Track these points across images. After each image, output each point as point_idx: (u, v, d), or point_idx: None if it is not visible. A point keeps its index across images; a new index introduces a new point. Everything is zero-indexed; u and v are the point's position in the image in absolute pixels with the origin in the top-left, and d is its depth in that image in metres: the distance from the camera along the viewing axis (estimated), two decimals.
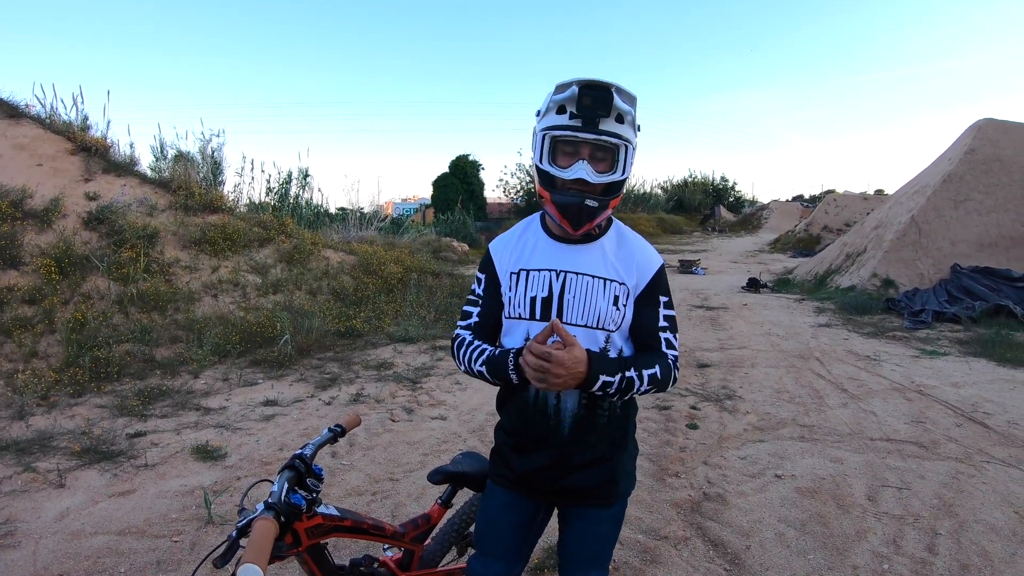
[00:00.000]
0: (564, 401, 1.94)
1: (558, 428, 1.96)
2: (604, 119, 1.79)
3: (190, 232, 9.85)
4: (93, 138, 10.72)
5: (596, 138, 1.79)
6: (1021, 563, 3.55)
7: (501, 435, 2.15)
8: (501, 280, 2.06)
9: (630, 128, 1.84)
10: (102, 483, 4.40)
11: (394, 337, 9.18)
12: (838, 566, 3.53)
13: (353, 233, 16.68)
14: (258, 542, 1.54)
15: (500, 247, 2.12)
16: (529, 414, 1.99)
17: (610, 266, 1.96)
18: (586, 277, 1.94)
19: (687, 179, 55.33)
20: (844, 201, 32.71)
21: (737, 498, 4.36)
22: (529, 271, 1.99)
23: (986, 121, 14.80)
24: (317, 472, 1.95)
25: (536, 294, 1.96)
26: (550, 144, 1.86)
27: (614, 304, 1.92)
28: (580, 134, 1.79)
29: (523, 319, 1.97)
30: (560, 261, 1.97)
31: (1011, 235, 13.25)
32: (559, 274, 1.95)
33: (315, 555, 1.99)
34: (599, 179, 1.83)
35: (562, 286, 1.94)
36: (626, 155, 1.84)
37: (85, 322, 7.28)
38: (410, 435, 5.50)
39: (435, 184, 33.52)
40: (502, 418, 2.15)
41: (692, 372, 7.70)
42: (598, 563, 2.11)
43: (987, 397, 6.60)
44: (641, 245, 2.05)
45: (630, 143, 1.84)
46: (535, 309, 1.95)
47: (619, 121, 1.81)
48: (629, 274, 1.97)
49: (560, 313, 1.93)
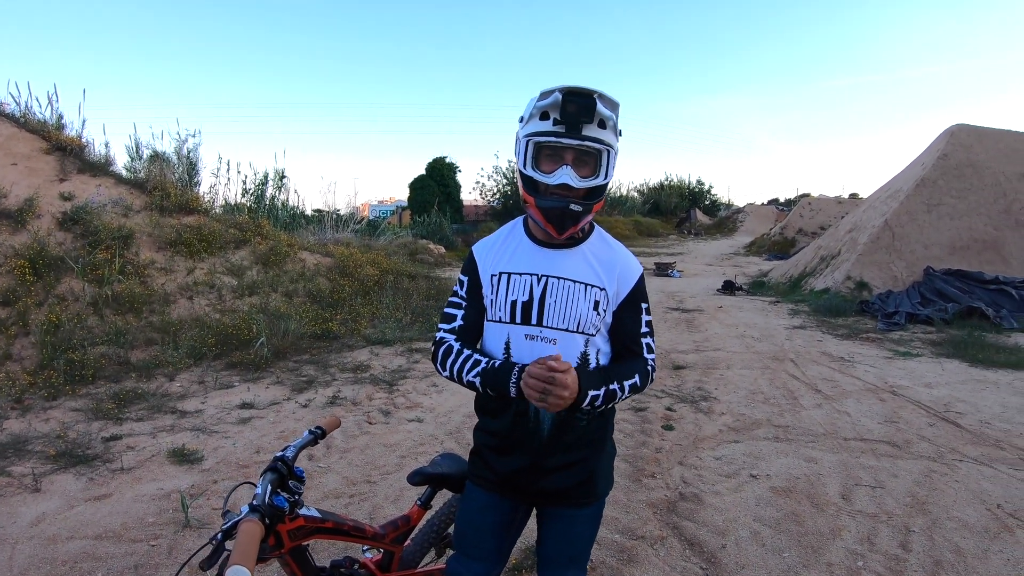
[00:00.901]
0: None
1: (538, 430, 1.99)
2: (587, 125, 1.83)
3: (165, 233, 9.78)
4: (68, 137, 10.62)
5: (579, 143, 1.82)
6: (994, 559, 3.64)
7: (480, 436, 2.17)
8: (483, 282, 2.08)
9: (612, 133, 1.88)
10: (78, 487, 4.38)
11: (370, 339, 9.18)
12: (813, 564, 3.60)
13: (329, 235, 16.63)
14: (245, 544, 1.56)
15: (483, 249, 2.14)
16: (510, 416, 2.01)
17: (592, 271, 1.99)
18: (567, 282, 1.96)
19: (663, 182, 55.48)
20: (819, 205, 32.96)
21: (713, 498, 4.43)
22: (511, 274, 2.02)
23: (959, 127, 15.00)
24: (298, 474, 1.97)
25: (517, 298, 1.98)
26: (534, 150, 1.89)
27: (595, 309, 1.96)
28: (563, 140, 1.83)
29: (504, 322, 2.01)
30: (542, 265, 2.00)
31: (983, 239, 13.45)
32: (540, 278, 1.98)
33: (297, 557, 2.01)
34: (582, 184, 1.86)
35: (543, 290, 1.97)
36: (608, 160, 1.88)
37: (59, 324, 7.23)
38: (387, 437, 5.52)
39: (412, 186, 33.38)
40: (481, 420, 2.17)
41: (668, 374, 7.77)
42: (576, 563, 2.14)
43: (959, 397, 6.73)
44: (623, 253, 2.08)
45: (612, 148, 1.87)
46: (515, 313, 1.98)
47: (601, 127, 1.84)
48: (610, 280, 2.00)
49: (540, 317, 1.96)
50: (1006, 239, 13.44)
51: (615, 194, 47.94)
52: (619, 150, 1.94)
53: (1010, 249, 13.32)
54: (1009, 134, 14.97)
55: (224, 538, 1.70)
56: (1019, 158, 14.41)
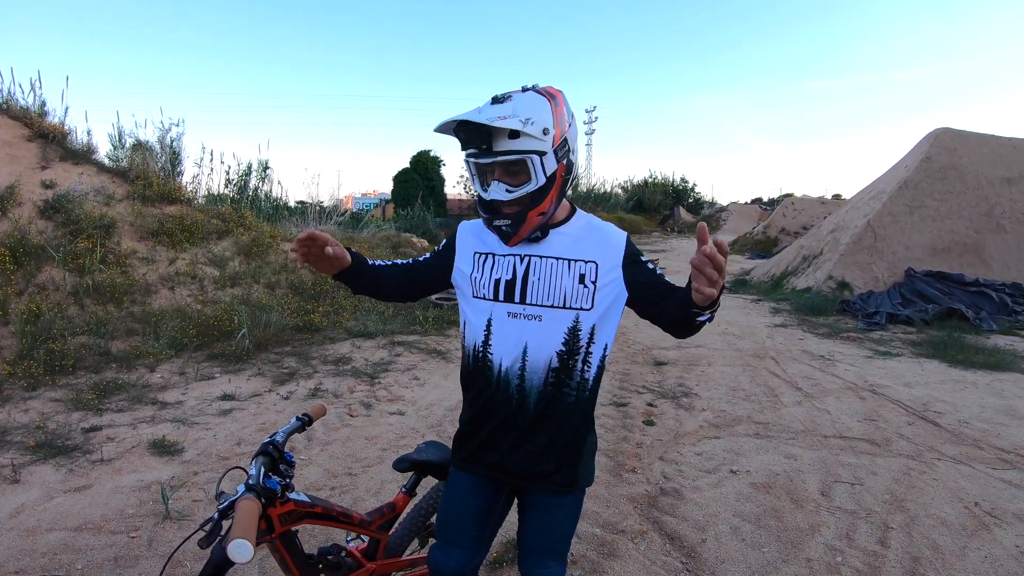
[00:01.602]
0: (529, 378, 1.99)
1: (523, 406, 2.01)
2: (493, 143, 1.85)
3: (147, 223, 9.71)
4: (51, 124, 10.53)
5: (493, 160, 1.86)
6: (971, 556, 3.68)
7: (465, 415, 2.19)
8: (459, 256, 2.17)
9: (530, 138, 1.85)
10: (57, 478, 4.36)
11: (352, 332, 9.16)
12: (792, 559, 3.63)
13: (312, 227, 16.53)
14: (244, 520, 1.58)
15: (468, 228, 2.22)
16: (493, 392, 2.04)
17: (576, 247, 2.02)
18: (550, 259, 2.00)
19: (647, 179, 55.56)
20: (802, 205, 33.08)
21: (693, 493, 4.45)
22: (495, 255, 2.06)
23: (943, 130, 15.11)
24: (288, 459, 1.98)
25: (501, 276, 2.03)
26: (474, 168, 1.96)
27: (580, 282, 1.97)
28: (480, 159, 1.88)
29: (487, 299, 2.04)
30: (525, 247, 2.03)
31: (964, 241, 13.57)
32: (523, 258, 2.02)
33: (287, 542, 2.02)
34: (515, 194, 1.90)
35: (526, 269, 2.00)
36: (535, 165, 1.87)
37: (40, 314, 7.18)
38: (368, 430, 5.51)
39: (396, 179, 33.32)
40: (466, 398, 2.19)
41: (649, 370, 7.80)
42: (556, 554, 2.17)
43: (938, 397, 6.78)
44: (604, 225, 2.11)
45: (534, 152, 1.86)
46: (499, 291, 2.02)
47: (513, 137, 1.84)
48: (598, 252, 2.02)
49: (524, 295, 1.99)
50: (987, 242, 13.57)
51: (599, 190, 48.03)
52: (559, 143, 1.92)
53: (991, 252, 13.45)
54: (992, 138, 15.10)
55: (221, 517, 1.71)
56: (1001, 163, 14.54)
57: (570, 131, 1.96)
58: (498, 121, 1.79)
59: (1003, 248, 13.53)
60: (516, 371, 1.99)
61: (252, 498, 1.68)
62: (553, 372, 1.98)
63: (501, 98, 1.87)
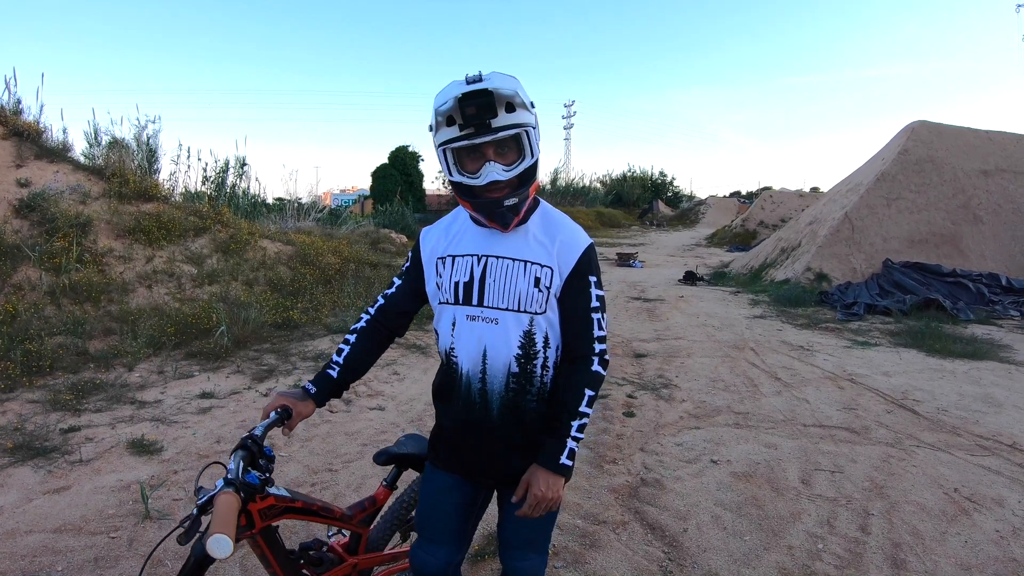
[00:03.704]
0: (490, 384, 1.99)
1: (487, 410, 2.00)
2: (494, 118, 1.79)
3: (124, 221, 9.62)
4: (25, 123, 10.40)
5: (493, 138, 1.80)
6: (951, 541, 3.74)
7: (438, 418, 2.21)
8: (425, 267, 2.14)
9: (523, 110, 1.83)
10: (36, 480, 4.32)
11: (332, 328, 9.12)
12: (774, 546, 3.67)
13: (291, 223, 16.46)
14: (223, 514, 1.57)
15: (430, 234, 2.19)
16: (457, 397, 2.04)
17: (532, 249, 1.99)
18: (506, 260, 1.98)
19: (626, 174, 55.85)
20: (780, 198, 33.31)
21: (674, 483, 4.49)
22: (455, 257, 2.05)
23: (920, 123, 15.26)
24: (267, 453, 1.96)
25: (459, 279, 2.01)
26: (454, 156, 1.88)
27: (535, 286, 1.95)
28: (475, 140, 1.81)
29: (450, 303, 2.03)
30: (483, 247, 2.02)
31: (941, 232, 13.72)
32: (480, 259, 2.00)
33: (267, 538, 2.01)
34: (510, 173, 1.86)
35: (483, 270, 1.99)
36: (530, 138, 1.85)
37: (16, 314, 7.09)
38: (348, 426, 5.51)
39: (374, 175, 33.22)
40: (438, 404, 2.19)
41: (629, 362, 7.84)
42: (535, 545, 2.18)
43: (917, 385, 6.86)
44: (567, 226, 2.07)
45: (528, 125, 1.84)
46: (458, 293, 2.01)
47: (510, 110, 1.80)
48: (553, 255, 1.99)
49: (481, 296, 1.97)
50: (963, 233, 13.73)
51: (578, 184, 48.11)
52: (537, 121, 1.91)
53: (967, 243, 13.61)
54: (968, 131, 15.28)
55: (200, 513, 1.70)
56: (977, 155, 14.71)
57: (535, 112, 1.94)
58: (506, 91, 1.77)
59: (980, 239, 13.69)
60: (478, 375, 1.99)
61: (231, 492, 1.67)
62: (513, 377, 1.97)
63: (475, 78, 1.78)
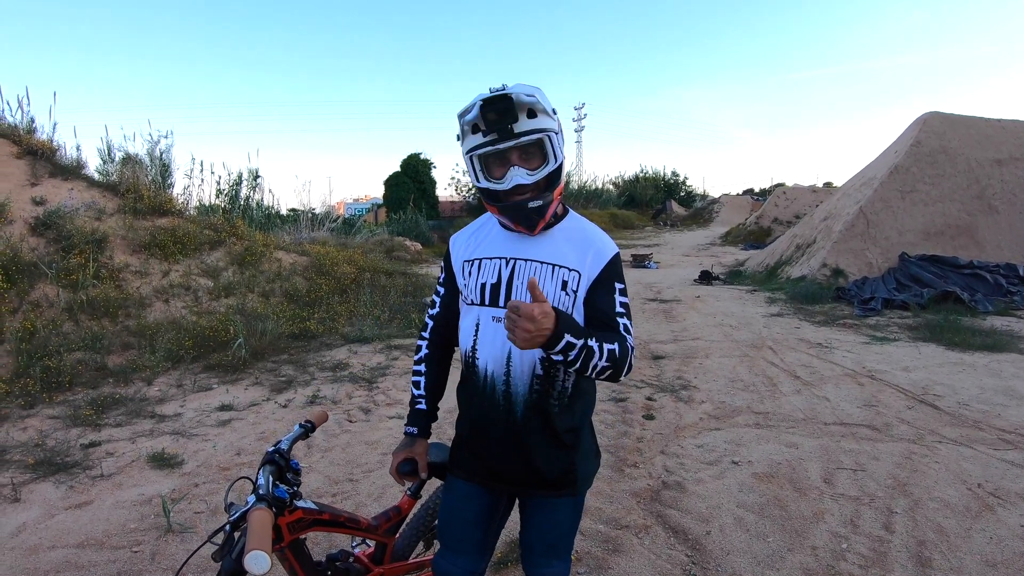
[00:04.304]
0: (514, 385, 1.98)
1: (510, 412, 2.00)
2: (515, 123, 1.83)
3: (139, 236, 9.68)
4: (39, 141, 10.50)
5: (516, 143, 1.84)
6: (976, 538, 3.69)
7: (460, 424, 2.21)
8: (455, 270, 2.15)
9: (545, 116, 1.87)
10: (58, 495, 4.34)
11: (349, 338, 9.15)
12: (797, 547, 3.63)
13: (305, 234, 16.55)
14: (259, 531, 1.58)
15: (458, 239, 2.22)
16: (480, 399, 2.05)
17: (561, 253, 2.00)
18: (534, 263, 1.99)
19: (638, 175, 55.75)
20: (794, 194, 33.18)
21: (695, 485, 4.45)
22: (481, 260, 2.07)
23: (932, 114, 15.15)
24: (294, 466, 1.98)
25: (486, 280, 2.02)
26: (480, 162, 1.93)
27: (563, 289, 1.96)
28: (499, 145, 1.85)
29: (475, 304, 2.04)
30: (511, 250, 2.03)
31: (957, 224, 13.60)
32: (509, 261, 2.02)
33: (296, 551, 2.02)
34: (535, 177, 1.89)
35: (511, 272, 2.00)
36: (553, 143, 1.88)
37: (35, 331, 7.15)
38: (368, 435, 5.50)
39: (387, 183, 33.30)
40: (460, 407, 2.20)
41: (647, 364, 7.80)
42: (558, 552, 2.16)
43: (937, 380, 6.80)
44: (596, 233, 2.09)
45: (551, 130, 1.87)
46: (485, 295, 2.02)
47: (531, 116, 1.84)
48: (582, 261, 2.00)
49: (508, 298, 1.98)
50: (979, 224, 13.61)
51: (591, 187, 48.11)
52: (561, 127, 1.95)
53: (983, 234, 13.49)
54: (981, 120, 15.16)
55: (232, 529, 1.70)
56: (991, 144, 14.58)
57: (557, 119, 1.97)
58: (526, 98, 1.80)
59: (996, 229, 13.57)
60: (502, 377, 1.99)
61: (264, 508, 1.68)
62: (538, 380, 1.97)
63: (498, 89, 1.84)
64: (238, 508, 1.75)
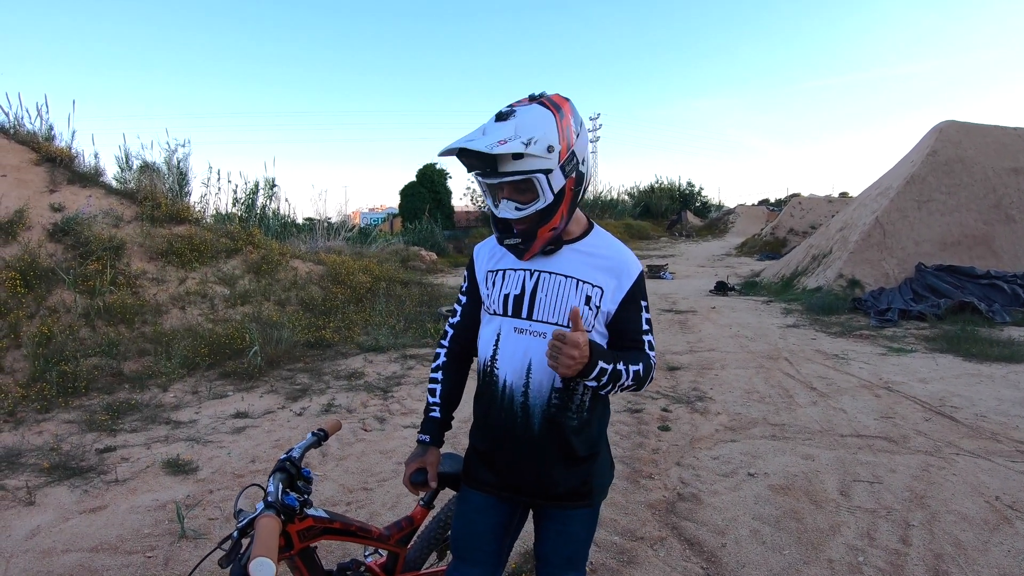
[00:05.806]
0: (533, 397, 1.98)
1: (528, 424, 1.99)
2: (501, 164, 1.81)
3: (156, 243, 9.76)
4: (58, 148, 10.59)
5: (500, 181, 1.85)
6: (994, 551, 3.65)
7: (475, 436, 2.19)
8: (479, 279, 2.16)
9: (538, 156, 1.81)
10: (72, 499, 4.35)
11: (364, 347, 9.16)
12: (814, 560, 3.60)
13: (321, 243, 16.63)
14: (265, 538, 1.58)
15: (482, 249, 2.23)
16: (497, 410, 2.04)
17: (586, 268, 2.00)
18: (559, 276, 1.99)
19: (653, 185, 55.55)
20: (809, 204, 33.02)
21: (711, 497, 4.42)
22: (506, 271, 2.06)
23: (948, 123, 15.08)
24: (305, 475, 1.98)
25: (510, 291, 2.02)
26: (484, 187, 1.96)
27: (586, 303, 1.96)
28: (488, 180, 1.87)
29: (497, 315, 2.05)
30: (536, 262, 2.03)
31: (973, 234, 13.52)
32: (533, 273, 2.01)
33: (306, 559, 2.02)
34: (525, 212, 1.89)
35: (535, 284, 2.00)
36: (542, 183, 1.84)
37: (51, 336, 7.20)
38: (383, 444, 5.50)
39: (402, 193, 33.35)
40: (475, 416, 2.19)
41: (663, 375, 7.77)
42: (574, 564, 2.14)
43: (954, 391, 6.75)
44: (621, 250, 2.09)
45: (540, 170, 1.82)
46: (508, 305, 2.02)
47: (518, 158, 1.80)
48: (607, 278, 2.00)
49: (531, 310, 1.98)
50: (996, 234, 13.52)
51: (606, 198, 48.03)
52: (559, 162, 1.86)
53: (1000, 244, 13.40)
54: (997, 129, 15.08)
55: (240, 536, 1.70)
56: (1007, 153, 14.50)
57: (578, 142, 1.91)
58: (498, 147, 1.74)
59: (1013, 239, 13.48)
60: (520, 388, 1.98)
61: (272, 515, 1.68)
62: (556, 392, 1.97)
63: (504, 114, 1.82)
64: (247, 515, 1.75)
